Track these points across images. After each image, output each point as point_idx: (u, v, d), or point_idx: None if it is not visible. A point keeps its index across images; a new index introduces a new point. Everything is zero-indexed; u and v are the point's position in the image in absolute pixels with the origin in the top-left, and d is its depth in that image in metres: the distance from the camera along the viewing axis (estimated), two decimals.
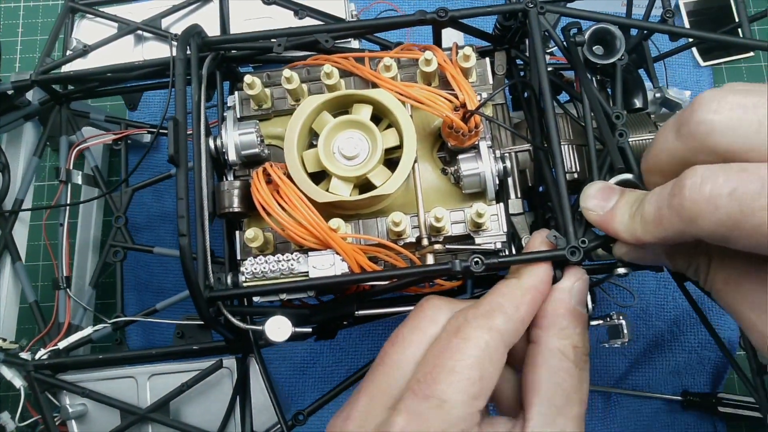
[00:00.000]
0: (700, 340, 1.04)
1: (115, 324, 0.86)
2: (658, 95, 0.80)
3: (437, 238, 0.68)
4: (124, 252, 0.93)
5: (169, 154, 0.61)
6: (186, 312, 0.87)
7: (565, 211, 0.62)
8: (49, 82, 0.90)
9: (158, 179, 0.99)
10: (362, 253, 0.65)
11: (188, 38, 0.70)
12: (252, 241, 0.67)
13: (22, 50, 1.25)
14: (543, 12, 0.69)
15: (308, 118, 0.68)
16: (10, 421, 0.81)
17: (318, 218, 0.64)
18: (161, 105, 1.17)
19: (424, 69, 0.70)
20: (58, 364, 0.81)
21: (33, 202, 1.06)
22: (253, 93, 0.72)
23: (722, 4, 1.19)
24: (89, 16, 0.94)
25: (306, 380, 1.05)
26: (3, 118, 0.91)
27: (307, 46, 0.77)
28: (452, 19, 0.71)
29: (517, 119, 0.80)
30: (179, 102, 0.64)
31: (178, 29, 0.92)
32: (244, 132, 0.70)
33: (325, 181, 0.68)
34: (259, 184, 0.66)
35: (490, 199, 0.69)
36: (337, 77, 0.71)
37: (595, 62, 0.71)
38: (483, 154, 0.68)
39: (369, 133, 0.67)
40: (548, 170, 0.68)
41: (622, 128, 0.66)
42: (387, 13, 1.03)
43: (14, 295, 0.94)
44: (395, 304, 0.72)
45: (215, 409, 0.78)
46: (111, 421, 0.79)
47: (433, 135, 0.73)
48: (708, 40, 0.72)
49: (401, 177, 0.66)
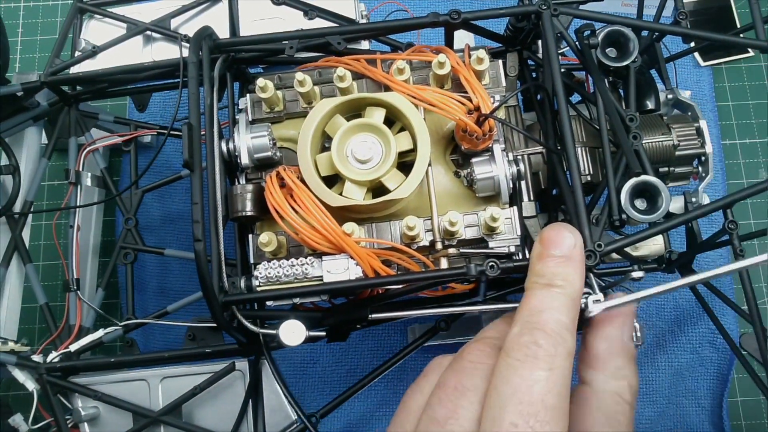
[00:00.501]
0: (700, 340, 1.04)
1: (126, 326, 0.86)
2: (670, 96, 0.80)
3: (451, 241, 0.68)
4: (135, 254, 0.93)
5: (184, 159, 0.60)
6: (194, 314, 0.87)
7: (580, 214, 0.61)
8: (58, 84, 0.89)
9: (167, 181, 0.99)
10: (376, 257, 0.65)
11: (200, 40, 0.70)
12: (266, 245, 0.67)
13: (22, 50, 1.25)
14: (556, 14, 0.69)
15: (321, 122, 0.68)
16: (23, 424, 0.81)
17: (332, 222, 0.64)
18: (162, 105, 1.16)
19: (437, 72, 0.70)
20: (70, 367, 0.81)
21: (35, 203, 1.06)
22: (266, 96, 0.72)
23: (722, 5, 1.19)
24: (98, 17, 0.94)
25: (306, 380, 1.06)
26: (11, 120, 0.91)
27: (318, 47, 0.77)
28: (465, 21, 0.71)
29: (529, 121, 0.80)
30: (193, 106, 0.64)
31: (187, 30, 0.91)
32: (257, 135, 0.70)
33: (338, 185, 0.68)
34: (273, 187, 0.66)
35: (504, 202, 0.69)
36: (349, 80, 0.71)
37: (609, 65, 0.71)
38: (497, 157, 0.68)
39: (382, 136, 0.67)
40: (562, 173, 0.68)
41: (636, 131, 0.66)
42: (396, 13, 1.03)
43: (18, 296, 0.94)
44: (408, 307, 0.72)
45: (227, 411, 0.78)
46: (123, 423, 0.80)
47: (446, 138, 0.73)
48: (719, 42, 0.72)
49: (415, 181, 0.66)
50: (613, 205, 0.64)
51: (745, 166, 1.13)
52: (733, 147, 1.14)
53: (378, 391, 1.04)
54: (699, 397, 1.03)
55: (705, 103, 1.14)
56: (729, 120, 1.16)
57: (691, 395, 1.03)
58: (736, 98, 1.17)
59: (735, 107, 1.16)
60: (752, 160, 1.14)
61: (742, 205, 1.11)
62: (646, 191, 0.65)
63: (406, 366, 1.05)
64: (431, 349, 1.04)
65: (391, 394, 1.04)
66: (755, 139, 1.15)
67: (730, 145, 1.14)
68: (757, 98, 1.16)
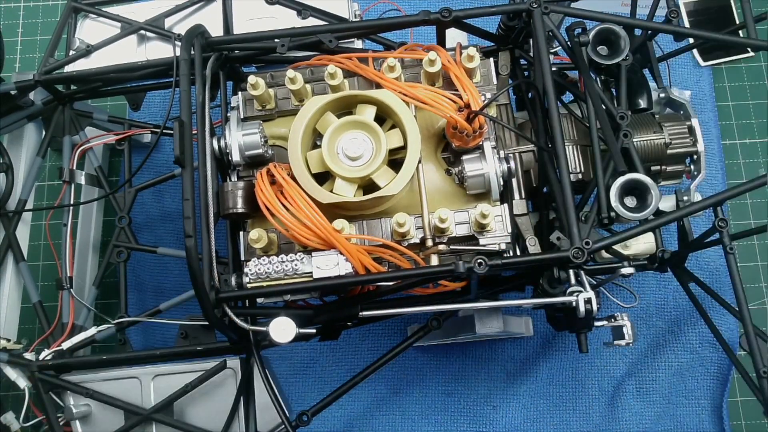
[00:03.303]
0: (701, 340, 1.04)
1: (119, 324, 0.86)
2: (662, 95, 0.80)
3: (441, 238, 0.68)
4: (128, 252, 0.93)
5: (176, 156, 0.61)
6: (187, 312, 0.87)
7: (569, 212, 0.62)
8: (52, 82, 0.90)
9: (162, 179, 0.99)
10: (366, 253, 0.65)
11: (192, 39, 0.70)
12: (256, 242, 0.67)
13: (22, 50, 1.25)
14: (547, 12, 0.69)
15: (312, 119, 0.68)
16: (15, 421, 0.81)
17: (322, 219, 0.64)
18: (162, 104, 1.16)
19: (428, 69, 0.70)
20: (63, 365, 0.81)
21: (34, 202, 1.06)
22: (257, 93, 0.72)
23: (722, 4, 1.19)
24: (92, 16, 0.94)
25: (306, 380, 1.06)
26: (6, 118, 0.91)
27: (311, 46, 0.77)
28: (456, 19, 0.71)
29: (521, 119, 0.80)
30: (184, 103, 0.64)
31: (181, 29, 0.91)
32: (248, 132, 0.70)
33: (329, 182, 0.68)
34: (263, 184, 0.66)
35: (495, 199, 0.69)
36: (340, 78, 0.71)
37: (599, 62, 0.71)
38: (487, 155, 0.68)
39: (373, 133, 0.67)
40: (552, 171, 0.68)
41: (626, 129, 0.66)
42: (390, 12, 1.03)
43: (17, 295, 0.94)
44: (399, 305, 0.72)
45: (219, 409, 0.78)
46: (115, 421, 0.80)
47: (437, 136, 0.73)
48: (712, 41, 0.72)
49: (405, 178, 0.66)
50: (602, 203, 0.64)
51: (745, 166, 1.13)
52: (733, 147, 1.14)
53: (378, 391, 1.04)
54: (699, 397, 1.03)
55: (705, 103, 1.13)
56: (729, 120, 1.15)
57: (691, 395, 1.03)
58: (736, 98, 1.17)
59: (735, 107, 1.16)
60: (752, 160, 1.13)
61: (742, 205, 1.10)
62: (636, 189, 0.65)
63: (406, 365, 1.05)
64: (431, 349, 1.05)
65: (391, 394, 1.04)
66: (755, 139, 1.14)
67: (730, 145, 1.14)
68: (757, 98, 1.16)
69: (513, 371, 1.03)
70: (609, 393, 1.03)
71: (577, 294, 0.63)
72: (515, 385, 1.03)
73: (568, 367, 1.03)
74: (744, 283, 0.70)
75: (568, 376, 1.03)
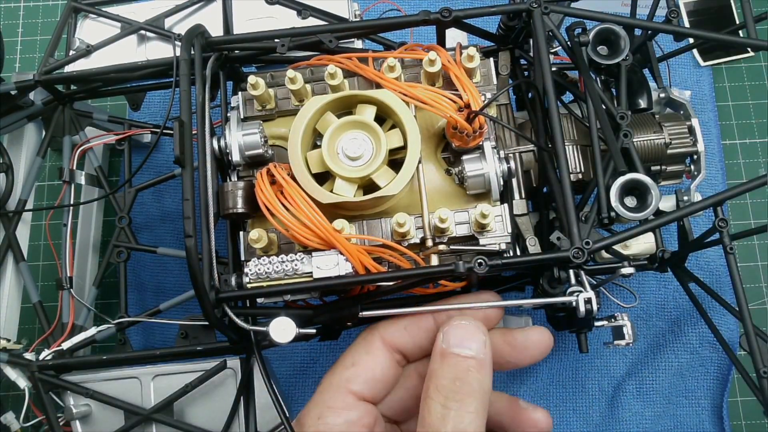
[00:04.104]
0: (701, 340, 1.04)
1: (119, 324, 0.86)
2: (662, 95, 0.80)
3: (441, 239, 0.68)
4: (128, 252, 0.93)
5: (176, 156, 0.61)
6: (188, 312, 0.87)
7: (569, 212, 0.61)
8: (52, 83, 0.90)
9: (161, 179, 0.99)
10: (366, 253, 0.65)
11: (192, 38, 0.70)
12: (256, 242, 0.67)
13: (22, 50, 1.25)
14: (547, 12, 0.69)
15: (312, 119, 0.68)
16: (15, 421, 0.81)
17: (322, 219, 0.64)
18: (162, 104, 1.17)
19: (428, 69, 0.70)
20: (63, 365, 0.81)
21: (34, 202, 1.06)
22: (257, 93, 0.72)
23: (722, 4, 1.19)
24: (92, 16, 0.94)
25: (306, 380, 1.06)
26: (6, 118, 0.91)
27: (311, 46, 0.77)
28: (456, 19, 0.71)
29: (521, 119, 0.80)
30: (184, 103, 0.64)
31: (181, 29, 0.92)
32: (248, 132, 0.70)
33: (329, 182, 0.68)
34: (263, 184, 0.66)
35: (495, 199, 0.69)
36: (341, 78, 0.71)
37: (599, 62, 0.71)
38: (487, 155, 0.68)
39: (373, 133, 0.67)
40: (552, 171, 0.68)
41: (626, 129, 0.66)
42: (390, 12, 1.03)
43: (17, 295, 0.94)
44: (399, 305, 0.72)
45: (219, 409, 0.78)
46: (115, 421, 0.80)
47: (437, 135, 0.73)
48: (712, 40, 0.72)
49: (405, 178, 0.66)
50: (602, 203, 0.64)
51: (745, 166, 1.13)
52: (733, 147, 1.14)
53: None
54: (699, 397, 1.03)
55: (705, 103, 1.13)
56: (729, 120, 1.15)
57: (691, 395, 1.03)
58: (736, 98, 1.17)
59: (735, 107, 1.16)
60: (752, 160, 1.13)
61: (742, 205, 1.10)
62: (636, 189, 0.65)
63: None
64: None
65: None
66: (755, 139, 1.14)
67: (730, 145, 1.14)
68: (757, 98, 1.16)
69: (513, 371, 1.03)
70: (609, 393, 1.03)
71: (577, 294, 0.63)
72: (515, 385, 1.03)
73: (568, 367, 1.03)
74: (744, 283, 0.69)
75: (568, 377, 1.03)
